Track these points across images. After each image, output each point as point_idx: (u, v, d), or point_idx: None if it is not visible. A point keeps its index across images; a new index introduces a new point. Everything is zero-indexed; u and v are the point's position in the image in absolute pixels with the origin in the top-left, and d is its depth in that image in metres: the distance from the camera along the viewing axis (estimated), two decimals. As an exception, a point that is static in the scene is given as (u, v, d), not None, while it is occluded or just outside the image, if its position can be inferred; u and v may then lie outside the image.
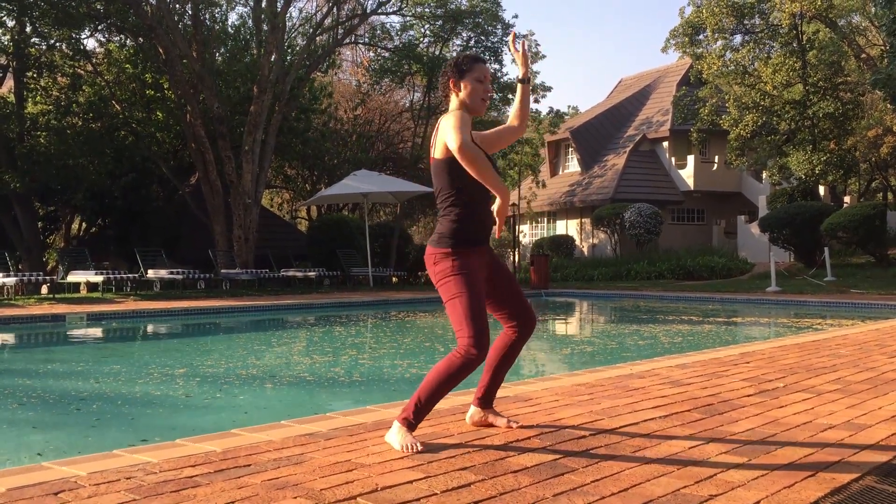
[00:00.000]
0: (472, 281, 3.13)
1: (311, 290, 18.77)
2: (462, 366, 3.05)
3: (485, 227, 3.26)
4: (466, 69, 3.27)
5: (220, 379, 6.83)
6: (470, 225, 3.19)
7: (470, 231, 3.19)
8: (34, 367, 7.98)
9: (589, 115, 36.19)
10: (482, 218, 3.24)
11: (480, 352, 3.04)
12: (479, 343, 3.04)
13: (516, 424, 3.44)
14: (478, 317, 3.08)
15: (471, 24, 26.43)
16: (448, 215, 3.21)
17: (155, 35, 19.60)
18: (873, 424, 3.58)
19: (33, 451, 4.43)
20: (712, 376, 4.99)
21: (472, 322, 3.06)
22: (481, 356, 3.05)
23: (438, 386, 3.08)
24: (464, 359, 3.04)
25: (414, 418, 3.10)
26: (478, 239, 3.23)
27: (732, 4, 25.52)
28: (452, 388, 3.11)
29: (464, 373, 3.07)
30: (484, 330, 3.06)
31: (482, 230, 3.25)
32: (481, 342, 3.05)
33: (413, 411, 3.10)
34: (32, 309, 12.80)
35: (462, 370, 3.06)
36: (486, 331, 3.07)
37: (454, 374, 3.06)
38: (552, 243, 30.03)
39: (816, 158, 23.65)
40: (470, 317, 3.07)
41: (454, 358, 3.07)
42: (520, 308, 3.38)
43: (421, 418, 3.12)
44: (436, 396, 3.11)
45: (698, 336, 10.16)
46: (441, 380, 3.07)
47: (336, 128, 28.67)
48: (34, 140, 19.89)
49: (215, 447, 3.06)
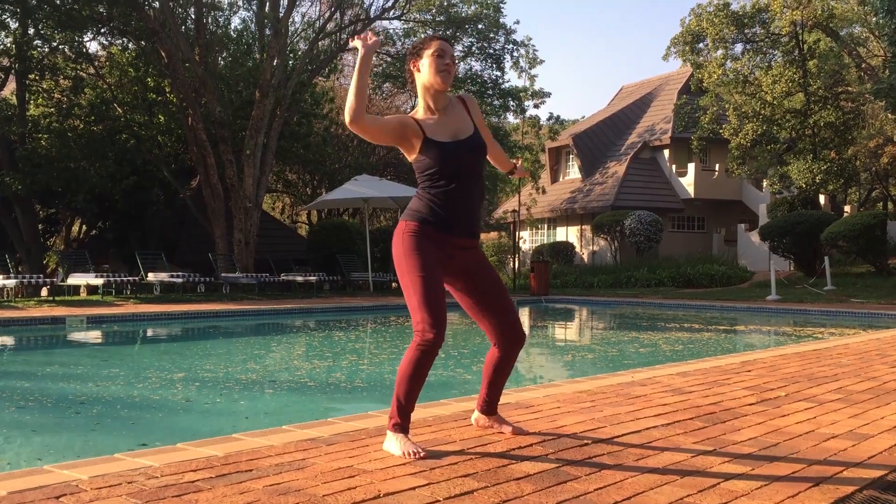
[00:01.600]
0: (425, 262, 3.05)
1: (311, 295, 18.77)
2: (422, 354, 2.99)
3: (456, 213, 3.13)
4: (423, 46, 3.21)
5: (221, 383, 6.82)
6: (438, 207, 3.11)
7: (435, 213, 3.11)
8: (34, 369, 7.97)
9: (590, 122, 36.26)
10: (459, 206, 3.13)
11: (436, 334, 2.96)
12: (433, 326, 2.96)
13: (520, 432, 3.41)
14: (430, 300, 2.99)
15: (472, 31, 26.49)
16: (418, 196, 3.17)
17: (157, 39, 19.63)
18: (876, 434, 3.57)
19: (33, 454, 4.42)
20: (714, 385, 4.98)
21: (425, 306, 2.99)
22: (438, 339, 2.96)
23: (408, 381, 3.02)
24: (420, 346, 2.98)
25: (401, 420, 3.06)
26: (445, 222, 3.12)
27: (733, 14, 25.59)
28: (423, 378, 3.05)
29: (426, 360, 3.00)
30: (437, 313, 2.98)
31: (452, 213, 3.12)
32: (436, 324, 2.96)
33: (398, 414, 3.06)
34: (32, 311, 12.79)
35: (423, 358, 2.99)
36: (440, 313, 2.98)
37: (418, 364, 3.00)
38: (552, 250, 30.04)
39: (817, 167, 23.67)
40: (423, 301, 2.99)
41: (412, 349, 3.01)
42: (503, 324, 3.27)
43: (408, 418, 3.08)
44: (411, 393, 3.05)
45: (699, 344, 10.15)
46: (408, 374, 3.02)
47: (337, 132, 28.70)
48: (35, 142, 19.91)
49: (217, 451, 3.05)
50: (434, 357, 3.03)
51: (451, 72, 3.19)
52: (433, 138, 3.15)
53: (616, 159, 32.30)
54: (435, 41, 3.21)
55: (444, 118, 3.22)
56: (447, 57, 3.18)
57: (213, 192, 20.47)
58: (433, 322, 2.97)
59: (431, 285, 3.04)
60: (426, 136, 3.14)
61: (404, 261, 3.10)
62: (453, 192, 3.13)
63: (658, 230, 26.41)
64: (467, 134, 3.21)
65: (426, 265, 3.06)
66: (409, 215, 3.16)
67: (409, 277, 3.07)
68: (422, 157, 3.14)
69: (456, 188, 3.13)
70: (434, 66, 3.16)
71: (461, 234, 3.18)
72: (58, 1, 18.61)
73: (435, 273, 3.08)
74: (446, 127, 3.19)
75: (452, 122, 3.21)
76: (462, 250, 3.22)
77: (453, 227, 3.15)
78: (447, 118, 3.22)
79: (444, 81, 3.17)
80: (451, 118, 3.23)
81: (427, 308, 2.99)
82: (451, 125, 3.21)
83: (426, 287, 3.03)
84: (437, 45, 3.19)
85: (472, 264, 3.26)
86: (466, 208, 3.17)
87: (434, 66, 3.16)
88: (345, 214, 29.84)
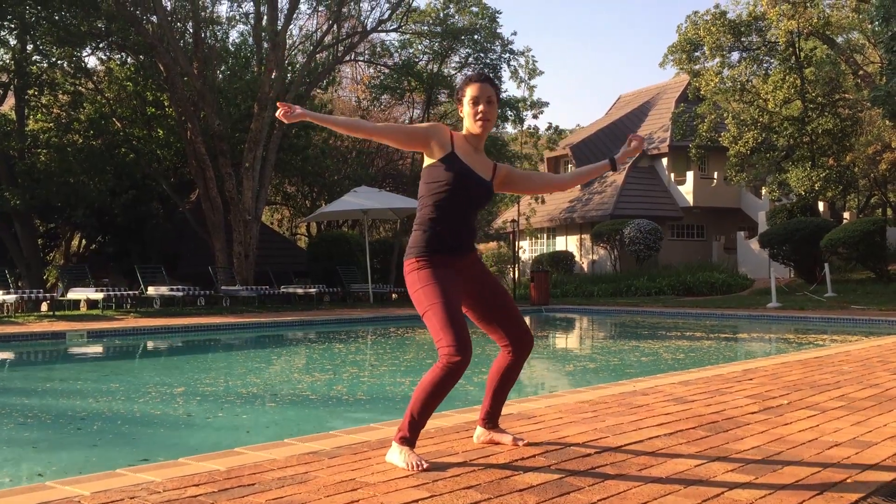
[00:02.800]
0: (443, 289, 3.08)
1: (311, 307, 18.75)
2: (446, 375, 2.99)
3: (459, 236, 3.20)
4: (460, 92, 3.29)
5: (222, 397, 6.80)
6: (440, 234, 3.15)
7: (440, 240, 3.15)
8: (34, 385, 7.95)
9: (588, 131, 36.33)
10: (456, 227, 3.18)
11: (463, 357, 2.97)
12: (459, 349, 2.97)
13: (522, 442, 3.40)
14: (454, 323, 3.01)
15: (469, 42, 26.57)
16: (418, 225, 3.20)
17: (156, 53, 19.69)
18: (879, 442, 3.57)
19: (35, 470, 4.41)
20: (716, 393, 4.97)
21: (450, 329, 2.99)
22: (464, 361, 2.99)
23: (427, 399, 3.03)
24: (447, 368, 2.98)
25: (410, 435, 3.07)
26: (449, 247, 3.17)
27: (729, 22, 25.68)
28: (442, 398, 3.06)
29: (450, 381, 3.01)
30: (462, 334, 3.00)
31: (455, 238, 3.19)
32: (462, 347, 2.97)
33: (409, 428, 3.06)
34: (32, 326, 12.78)
35: (447, 379, 3.00)
36: (464, 335, 3.00)
37: (440, 385, 3.01)
38: (552, 259, 30.03)
39: (815, 174, 23.70)
40: (447, 325, 3.00)
41: (437, 369, 3.01)
42: (513, 326, 3.32)
43: (417, 434, 3.09)
44: (427, 410, 3.06)
45: (700, 352, 10.14)
46: (429, 393, 3.02)
47: (336, 144, 28.74)
48: (35, 157, 19.94)
49: (219, 466, 3.04)
50: (458, 380, 3.04)
51: (489, 118, 3.24)
52: (459, 155, 3.21)
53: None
54: (471, 85, 3.25)
55: (475, 154, 3.29)
56: (482, 102, 3.22)
57: (213, 205, 20.48)
58: (458, 345, 2.98)
59: (452, 309, 3.06)
60: (453, 151, 3.21)
61: (422, 295, 3.11)
62: (455, 212, 3.18)
63: (657, 238, 26.42)
64: (486, 178, 3.28)
65: (443, 290, 3.08)
66: (412, 252, 3.18)
67: (429, 307, 3.08)
68: (438, 166, 3.18)
69: (458, 210, 3.19)
70: (471, 115, 3.24)
71: (465, 251, 3.24)
72: (56, 17, 18.66)
73: (453, 296, 3.11)
74: (474, 160, 3.25)
75: (479, 162, 3.28)
76: (468, 266, 3.27)
77: (455, 247, 3.20)
78: (478, 157, 3.29)
79: (481, 129, 3.25)
80: (480, 160, 3.30)
81: (451, 331, 3.00)
82: (478, 163, 3.27)
83: (447, 311, 3.04)
84: (473, 91, 3.23)
85: (478, 274, 3.30)
86: (464, 230, 3.23)
87: (471, 115, 3.24)
88: (344, 226, 29.85)
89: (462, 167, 3.17)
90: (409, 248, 3.20)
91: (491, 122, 3.26)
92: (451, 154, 3.19)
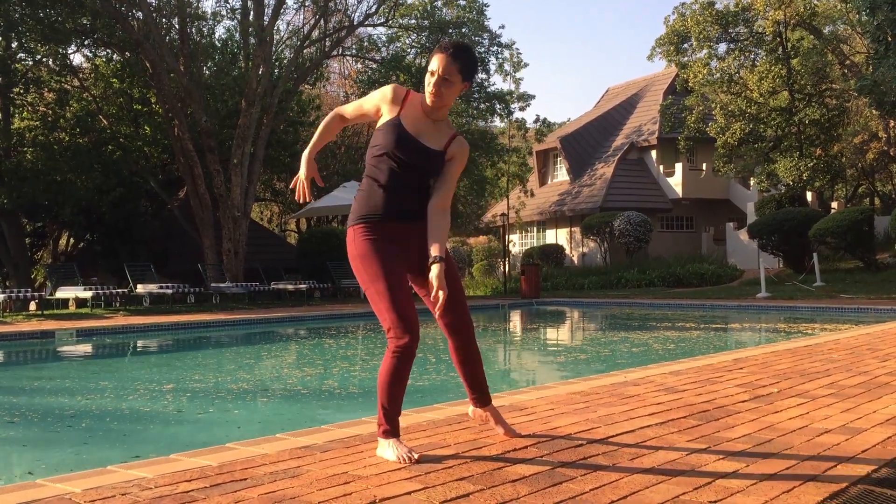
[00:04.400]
0: (382, 263, 2.96)
1: (301, 303, 18.72)
2: (399, 359, 2.92)
3: (400, 203, 3.02)
4: (430, 60, 3.06)
5: (213, 393, 6.79)
6: (378, 199, 3.02)
7: (378, 206, 3.02)
8: (24, 384, 7.92)
9: (577, 123, 36.35)
10: (395, 193, 3.02)
11: (410, 337, 2.89)
12: (404, 329, 2.88)
13: (515, 434, 3.38)
14: (395, 301, 2.90)
15: (457, 35, 26.51)
16: (359, 191, 3.11)
17: (142, 49, 19.58)
18: (869, 428, 3.59)
19: (25, 468, 4.39)
20: (706, 382, 4.99)
21: (392, 309, 2.90)
22: (412, 341, 2.90)
23: (390, 388, 2.98)
24: (396, 352, 2.92)
25: (389, 426, 3.03)
26: (388, 213, 3.01)
27: (716, 13, 25.74)
28: (405, 381, 3.00)
29: (404, 364, 2.93)
30: (405, 313, 2.89)
31: (395, 204, 3.02)
32: (406, 326, 2.89)
33: (385, 420, 3.03)
34: (21, 326, 12.71)
35: (401, 363, 2.93)
36: (408, 313, 2.90)
37: (397, 371, 2.95)
38: (542, 253, 30.07)
39: (803, 165, 23.80)
40: (388, 305, 2.90)
41: (388, 355, 2.95)
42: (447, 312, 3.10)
43: (396, 422, 3.05)
44: (395, 397, 3.01)
45: (690, 343, 10.18)
46: (389, 381, 2.97)
47: (324, 140, 28.61)
48: (21, 156, 19.80)
49: (211, 461, 3.03)
50: (412, 359, 2.97)
51: (439, 94, 3.02)
52: (402, 122, 3.04)
53: (603, 161, 32.40)
54: (436, 55, 3.04)
55: (427, 122, 3.09)
56: (436, 75, 3.00)
57: (201, 202, 20.40)
58: (404, 325, 2.90)
59: (392, 286, 2.94)
60: (398, 115, 3.05)
61: (362, 267, 3.01)
62: (394, 178, 3.02)
63: (647, 231, 26.48)
64: (432, 146, 3.07)
65: (382, 265, 2.97)
66: (353, 219, 3.08)
67: (369, 284, 2.98)
68: (380, 131, 3.06)
69: (397, 176, 3.02)
70: (425, 86, 3.07)
71: (406, 219, 3.07)
72: (41, 14, 18.52)
73: (394, 270, 2.99)
74: (423, 127, 3.07)
75: (431, 130, 3.08)
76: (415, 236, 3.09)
77: (395, 214, 3.04)
78: (431, 124, 3.09)
79: (431, 103, 3.05)
80: (434, 127, 3.10)
81: (394, 311, 2.91)
82: (428, 130, 3.07)
83: (387, 289, 2.93)
84: (435, 62, 3.03)
85: (424, 247, 3.07)
86: (405, 198, 3.05)
87: (425, 86, 3.07)
88: (334, 222, 29.80)
89: (402, 134, 3.01)
90: (350, 216, 3.09)
91: (442, 99, 3.03)
92: (395, 119, 3.04)
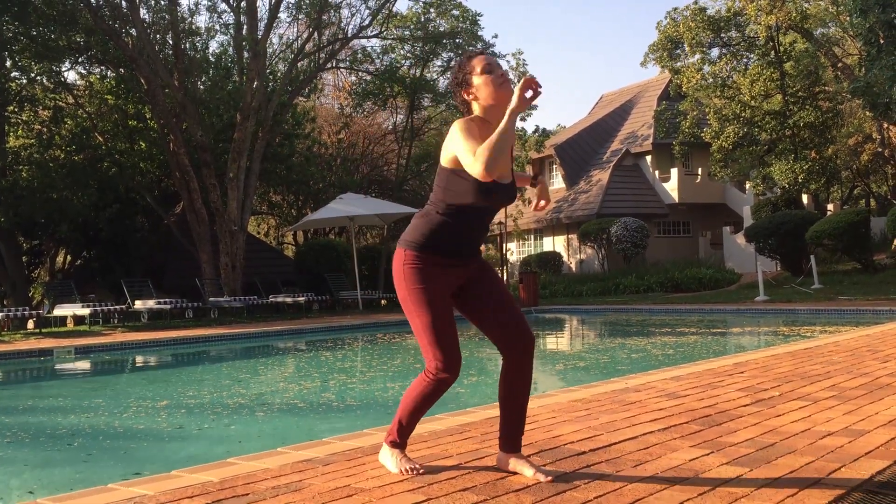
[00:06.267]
0: (433, 296, 2.85)
1: (300, 316, 18.69)
2: (434, 389, 2.92)
3: (467, 243, 2.93)
4: (467, 72, 2.89)
5: (212, 409, 6.76)
6: (449, 235, 2.87)
7: (446, 241, 2.87)
8: (23, 402, 7.88)
9: (572, 131, 36.41)
10: (466, 234, 2.90)
11: (451, 374, 2.86)
12: (447, 366, 2.85)
13: (545, 477, 2.86)
14: (444, 338, 2.84)
15: (451, 45, 26.58)
16: (428, 217, 2.88)
17: (136, 66, 19.60)
18: (871, 430, 3.58)
19: (25, 488, 4.36)
20: (708, 387, 4.98)
21: (439, 345, 2.84)
22: (452, 378, 2.88)
23: (415, 408, 2.98)
24: (434, 383, 2.90)
25: (399, 439, 3.05)
26: (452, 251, 2.89)
27: (708, 18, 25.84)
28: (430, 406, 3.00)
29: (437, 394, 2.94)
30: (452, 351, 2.86)
31: (462, 245, 2.91)
32: (451, 365, 2.85)
33: (398, 433, 3.04)
34: (19, 344, 12.67)
35: (434, 393, 2.94)
36: (455, 352, 2.87)
37: (428, 397, 2.94)
38: (540, 260, 30.07)
39: (798, 167, 23.86)
40: (436, 340, 2.84)
41: (425, 381, 2.92)
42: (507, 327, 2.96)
43: (407, 437, 3.06)
44: (415, 417, 3.02)
45: (690, 348, 10.16)
46: (416, 402, 2.97)
47: (320, 152, 28.69)
48: (17, 174, 19.78)
49: (212, 477, 3.01)
50: (444, 392, 2.97)
51: (507, 80, 2.89)
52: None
53: (599, 167, 32.44)
54: (474, 60, 2.90)
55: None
56: (497, 67, 2.88)
57: (198, 216, 20.39)
58: (448, 363, 2.86)
59: (443, 322, 2.87)
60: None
61: (410, 299, 2.89)
62: (473, 224, 2.92)
63: (644, 236, 26.49)
64: (508, 179, 2.91)
65: (435, 298, 2.86)
66: (410, 244, 2.90)
67: (417, 315, 2.88)
68: (466, 179, 2.79)
69: (476, 220, 2.92)
70: (493, 81, 2.85)
71: (467, 257, 2.97)
72: (34, 32, 18.55)
73: (445, 304, 2.91)
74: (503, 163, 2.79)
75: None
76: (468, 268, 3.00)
77: (461, 252, 2.94)
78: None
79: (506, 93, 2.84)
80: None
81: (440, 347, 2.85)
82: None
83: (438, 324, 2.85)
84: (482, 63, 2.88)
85: (475, 272, 3.01)
86: (477, 236, 2.99)
87: (493, 81, 2.85)
88: (331, 233, 29.79)
89: (494, 187, 2.80)
90: (407, 238, 2.90)
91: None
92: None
